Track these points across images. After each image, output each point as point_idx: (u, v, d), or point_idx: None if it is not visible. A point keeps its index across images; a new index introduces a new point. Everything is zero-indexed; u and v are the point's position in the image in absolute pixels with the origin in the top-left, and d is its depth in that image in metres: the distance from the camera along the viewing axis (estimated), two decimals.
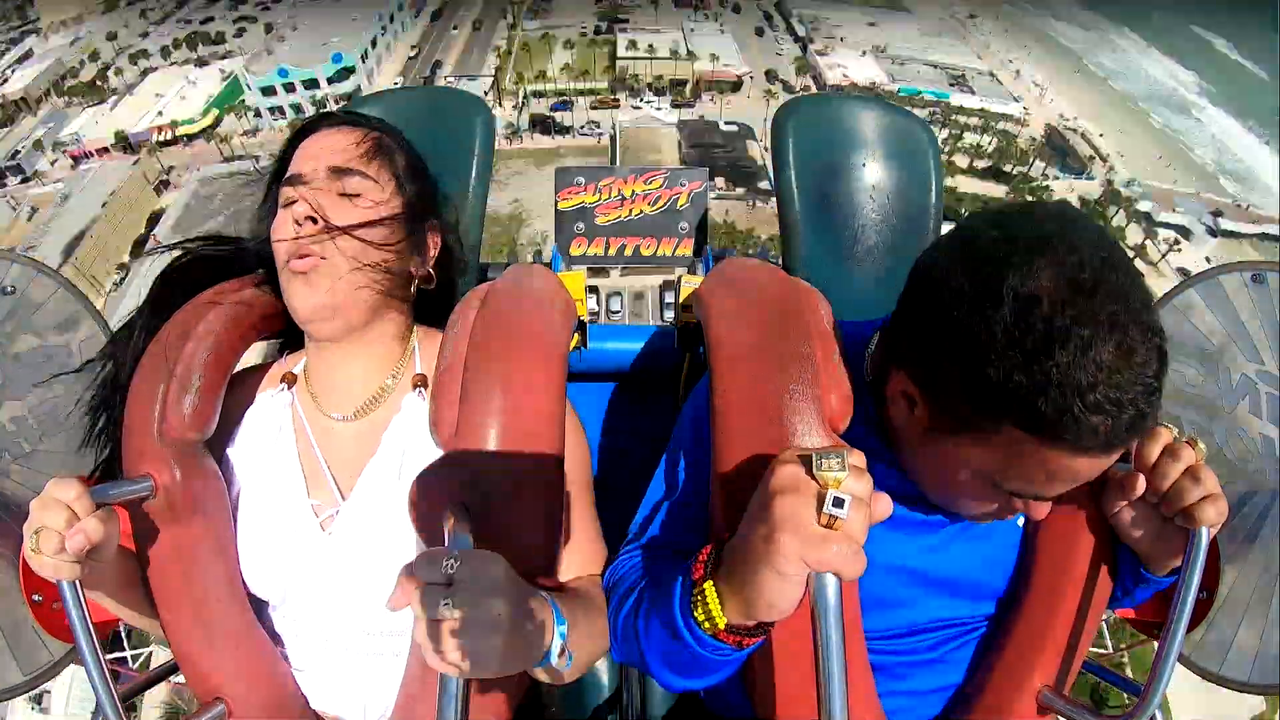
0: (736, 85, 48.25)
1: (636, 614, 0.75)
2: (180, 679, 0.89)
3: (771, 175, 1.26)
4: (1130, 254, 0.75)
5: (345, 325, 0.86)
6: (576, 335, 0.98)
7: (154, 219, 37.52)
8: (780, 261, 1.29)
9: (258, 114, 45.43)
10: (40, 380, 1.05)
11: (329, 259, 0.83)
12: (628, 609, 0.77)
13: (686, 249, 1.25)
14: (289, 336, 1.01)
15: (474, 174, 1.12)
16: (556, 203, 1.25)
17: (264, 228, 0.90)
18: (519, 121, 42.91)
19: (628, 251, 1.26)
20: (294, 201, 0.85)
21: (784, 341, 0.77)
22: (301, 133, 0.91)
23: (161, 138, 44.37)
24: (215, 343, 0.86)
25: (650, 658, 0.73)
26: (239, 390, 0.93)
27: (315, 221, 0.83)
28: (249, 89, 45.85)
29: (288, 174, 0.88)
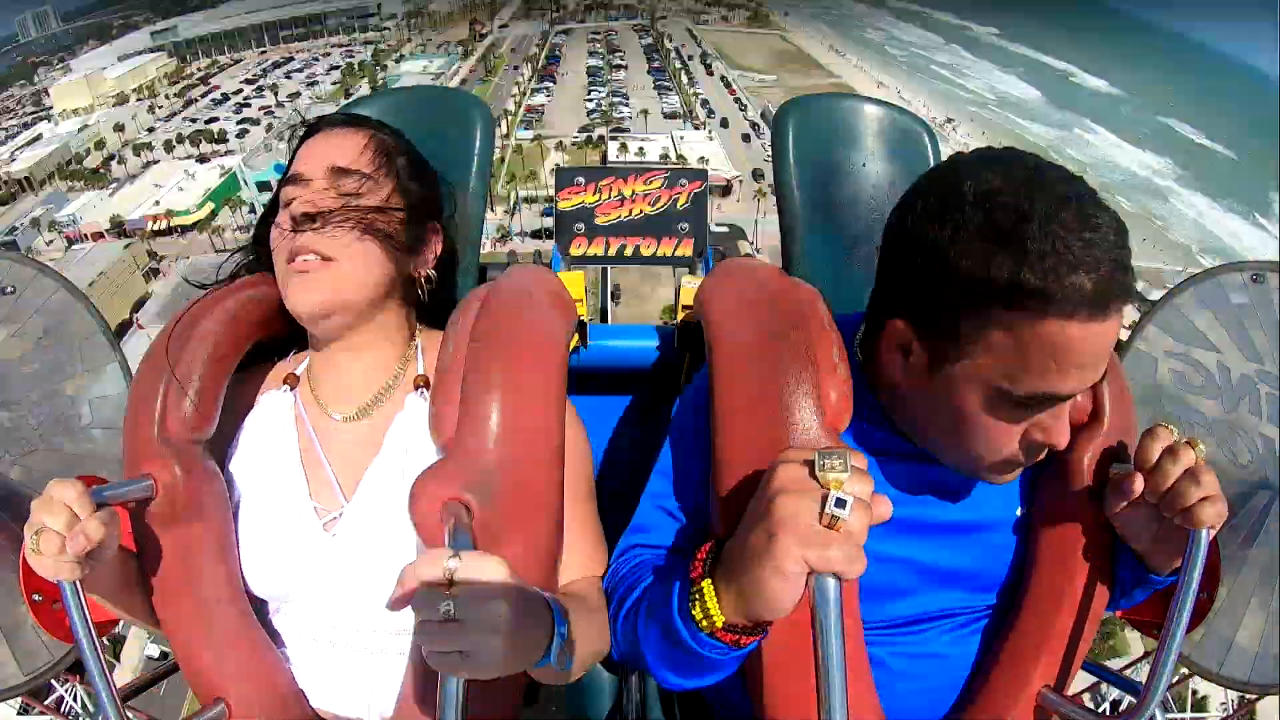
0: (726, 189, 49.59)
1: (636, 614, 0.75)
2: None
3: (772, 175, 1.25)
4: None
5: (345, 323, 0.86)
6: (576, 335, 0.98)
7: (139, 304, 38.82)
8: (780, 262, 1.29)
9: (253, 209, 46.87)
10: (41, 380, 1.05)
11: (328, 258, 0.83)
12: (627, 609, 0.77)
13: (686, 249, 1.25)
14: (290, 337, 1.00)
15: (474, 174, 1.12)
16: (557, 203, 1.25)
17: (268, 230, 0.90)
18: (510, 225, 44.53)
19: (628, 252, 1.26)
20: (293, 200, 0.85)
21: (784, 341, 0.77)
22: (304, 136, 0.91)
23: (156, 226, 46.24)
24: (215, 343, 0.86)
25: (650, 657, 0.73)
26: (241, 391, 0.92)
27: (313, 219, 0.83)
28: (245, 184, 47.39)
29: (289, 174, 0.88)
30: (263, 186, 45.53)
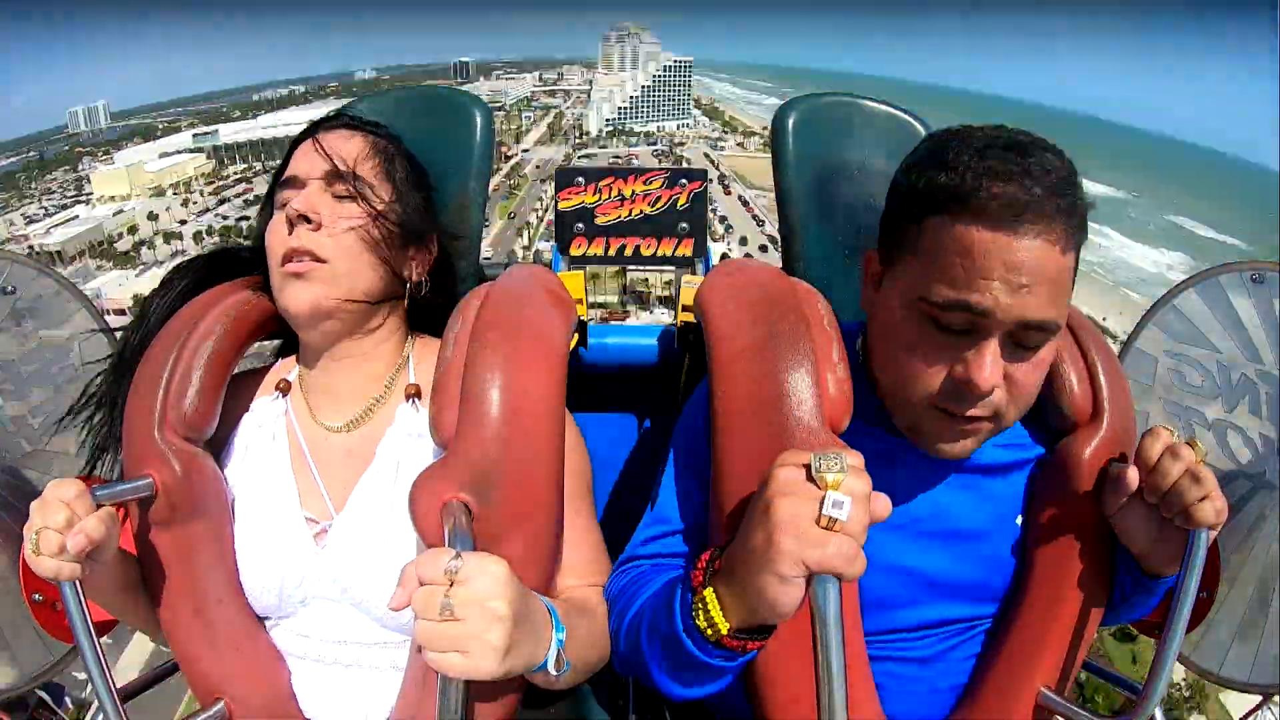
0: None
1: (638, 625, 0.75)
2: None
3: (772, 175, 1.25)
4: None
5: (337, 329, 0.86)
6: (576, 335, 0.98)
7: None
8: (780, 262, 1.29)
9: None
10: (42, 380, 1.05)
11: (322, 262, 0.82)
12: (628, 621, 0.77)
13: (686, 249, 1.25)
14: (288, 338, 1.00)
15: (474, 174, 1.12)
16: (557, 203, 1.25)
17: (262, 231, 0.90)
18: None
19: (628, 252, 1.25)
20: (288, 202, 0.84)
21: (784, 341, 0.77)
22: (301, 137, 0.91)
23: None
24: (215, 343, 0.86)
25: (654, 670, 0.73)
26: (238, 393, 0.92)
27: (309, 222, 0.82)
28: None
29: (284, 176, 0.87)
30: None
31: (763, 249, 66.52)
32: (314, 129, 0.91)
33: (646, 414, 1.35)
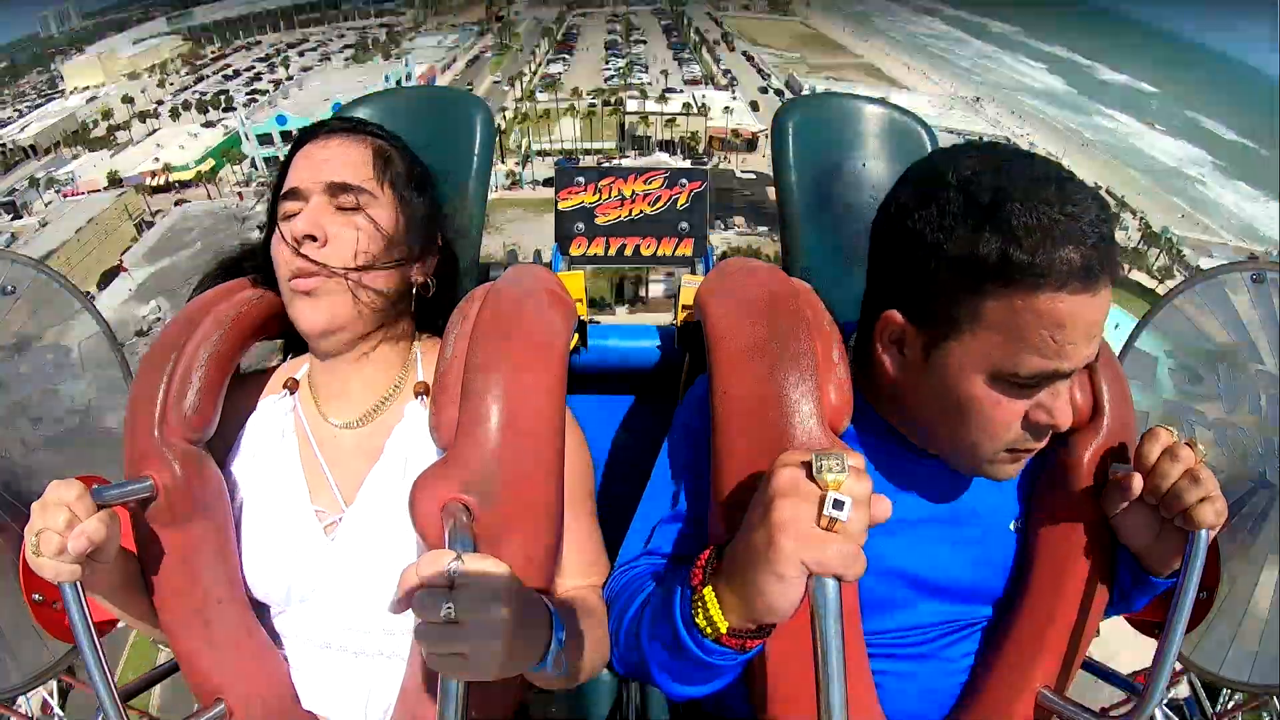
0: (752, 144, 49.29)
1: (638, 625, 0.75)
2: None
3: (772, 175, 1.25)
4: None
5: (348, 340, 0.86)
6: (576, 335, 0.98)
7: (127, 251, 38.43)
8: (780, 262, 1.29)
9: (253, 164, 47.23)
10: (41, 380, 1.05)
11: (330, 277, 0.82)
12: (629, 621, 0.77)
13: (686, 249, 1.25)
14: (291, 338, 1.00)
15: (474, 173, 1.12)
16: (557, 203, 1.25)
17: (266, 244, 0.89)
18: (520, 171, 44.69)
19: (628, 251, 1.25)
20: (293, 215, 0.84)
21: (784, 341, 0.77)
22: (300, 142, 0.90)
23: (154, 182, 46.50)
24: (216, 343, 0.86)
25: (654, 669, 0.73)
26: (243, 394, 0.92)
27: (314, 239, 0.82)
28: (246, 138, 47.69)
29: (286, 187, 0.86)
30: (263, 140, 46.40)
31: (762, 90, 63.50)
32: (312, 135, 0.90)
33: (647, 414, 1.35)
